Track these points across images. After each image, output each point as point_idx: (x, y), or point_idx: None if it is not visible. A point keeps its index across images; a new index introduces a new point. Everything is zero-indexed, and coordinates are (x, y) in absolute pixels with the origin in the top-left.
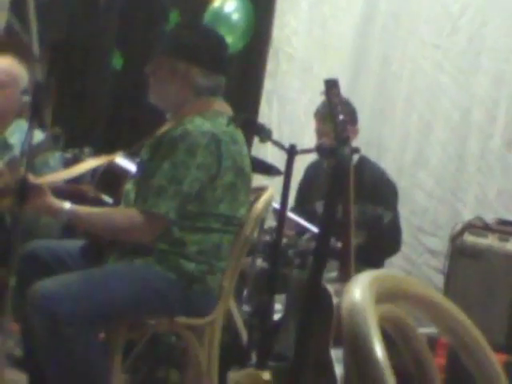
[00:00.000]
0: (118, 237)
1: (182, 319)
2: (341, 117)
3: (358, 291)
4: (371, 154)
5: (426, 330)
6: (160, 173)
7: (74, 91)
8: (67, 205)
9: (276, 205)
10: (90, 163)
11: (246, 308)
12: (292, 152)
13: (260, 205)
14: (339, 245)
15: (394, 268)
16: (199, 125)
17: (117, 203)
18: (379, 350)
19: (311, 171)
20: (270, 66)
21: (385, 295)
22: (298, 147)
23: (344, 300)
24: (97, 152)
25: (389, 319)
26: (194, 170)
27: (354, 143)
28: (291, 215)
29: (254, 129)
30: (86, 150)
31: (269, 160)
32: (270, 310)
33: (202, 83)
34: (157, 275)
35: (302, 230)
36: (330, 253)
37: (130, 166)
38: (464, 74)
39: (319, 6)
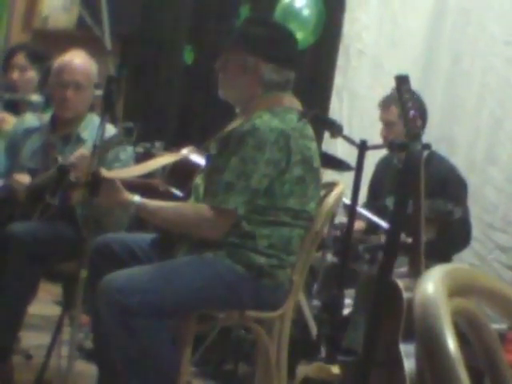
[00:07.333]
0: (186, 232)
1: (251, 313)
2: (412, 113)
3: (431, 285)
4: (442, 150)
5: (495, 325)
6: (229, 168)
7: (145, 85)
8: (137, 197)
9: (347, 200)
10: (162, 160)
11: (316, 302)
12: (363, 147)
13: (331, 200)
14: (409, 240)
15: (465, 264)
16: (267, 121)
17: (187, 197)
18: (452, 344)
19: (382, 166)
20: (340, 61)
21: (457, 289)
22: (368, 143)
23: (417, 294)
24: (168, 146)
25: (461, 313)
26: (262, 165)
27: (424, 139)
28: (362, 210)
29: (324, 124)
30: (157, 144)
31: (339, 155)
32: (339, 305)
33: (272, 78)
34: (227, 268)
35: (373, 226)
36: (400, 248)
37: (200, 161)
38: None
39: (389, 1)
